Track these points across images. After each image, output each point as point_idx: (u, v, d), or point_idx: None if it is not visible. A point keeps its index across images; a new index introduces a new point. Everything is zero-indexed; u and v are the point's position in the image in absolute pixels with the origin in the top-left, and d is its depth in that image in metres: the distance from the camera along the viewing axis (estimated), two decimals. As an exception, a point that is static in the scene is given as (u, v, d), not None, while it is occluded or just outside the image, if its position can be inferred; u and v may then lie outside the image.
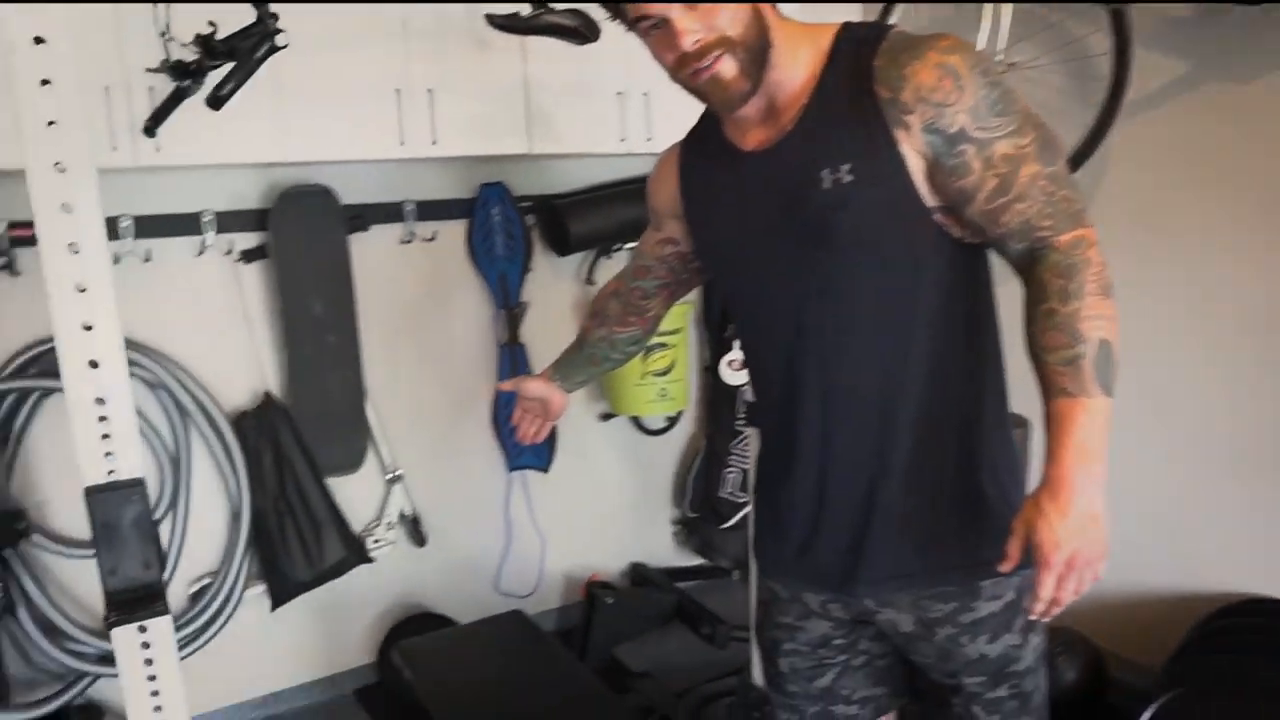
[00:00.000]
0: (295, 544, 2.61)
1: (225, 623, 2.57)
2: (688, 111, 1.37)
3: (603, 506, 3.38)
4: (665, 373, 3.09)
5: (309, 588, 2.67)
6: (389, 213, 2.80)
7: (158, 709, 1.35)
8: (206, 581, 2.61)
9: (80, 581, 2.50)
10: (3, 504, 2.08)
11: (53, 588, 2.43)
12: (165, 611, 1.36)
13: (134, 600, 1.34)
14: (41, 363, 2.35)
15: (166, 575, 2.48)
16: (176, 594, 2.63)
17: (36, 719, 2.20)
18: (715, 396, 3.31)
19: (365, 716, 2.90)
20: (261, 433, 2.57)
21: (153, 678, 1.35)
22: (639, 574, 3.44)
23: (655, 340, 2.00)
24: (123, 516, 1.32)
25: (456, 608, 3.06)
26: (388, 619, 3.00)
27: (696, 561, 3.61)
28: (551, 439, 3.07)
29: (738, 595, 3.48)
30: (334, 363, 2.67)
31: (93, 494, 1.31)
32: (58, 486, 2.47)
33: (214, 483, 2.64)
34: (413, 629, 2.90)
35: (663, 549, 3.56)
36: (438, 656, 2.35)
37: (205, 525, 2.65)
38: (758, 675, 2.31)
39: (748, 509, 3.30)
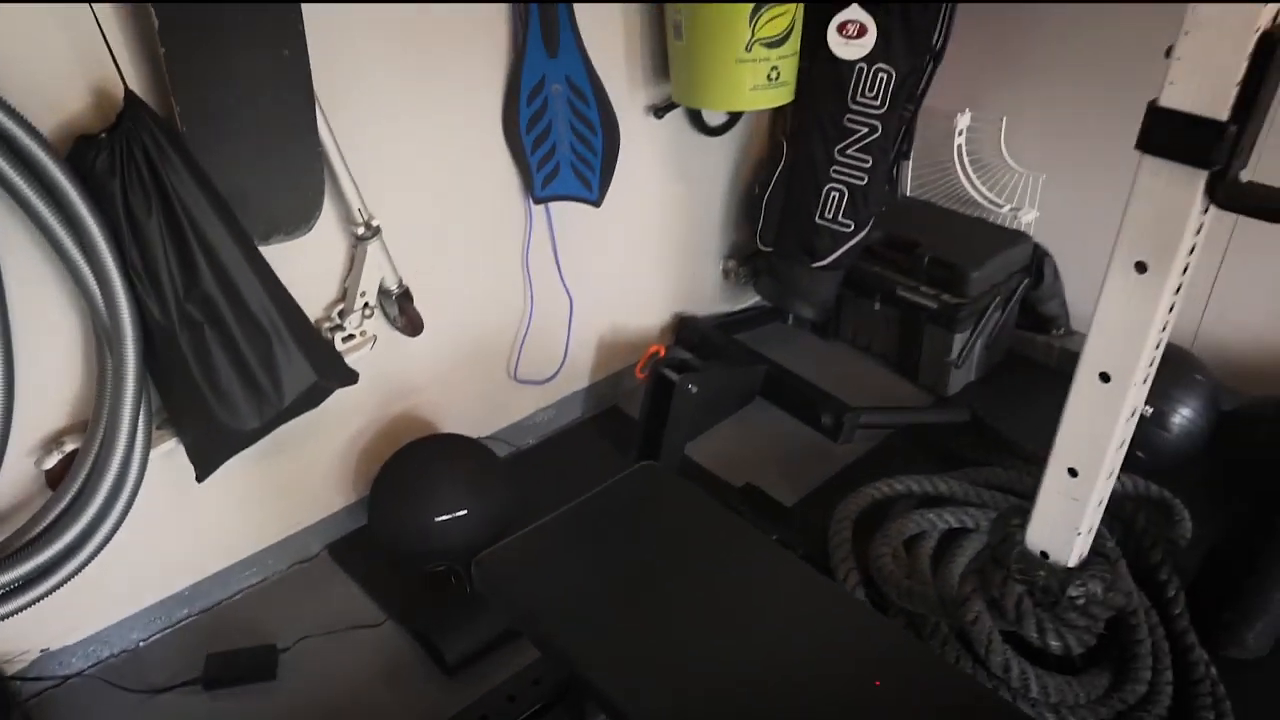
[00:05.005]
0: (227, 372, 1.47)
1: (126, 510, 1.46)
2: None
3: (638, 238, 2.31)
4: (781, 41, 1.93)
5: (256, 438, 1.57)
6: None
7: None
8: (73, 447, 1.46)
9: None
10: None
11: None
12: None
13: None
14: None
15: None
16: (21, 473, 1.48)
17: None
18: (812, 79, 2.17)
19: (344, 577, 1.94)
20: (130, 172, 1.32)
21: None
22: (688, 330, 2.49)
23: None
24: None
25: (464, 414, 2.06)
26: (374, 447, 1.96)
27: (743, 305, 2.69)
28: (613, 154, 1.93)
29: (803, 349, 2.59)
30: (252, 22, 1.37)
31: None
32: None
33: (47, 284, 1.40)
34: (413, 457, 1.89)
35: (707, 294, 2.59)
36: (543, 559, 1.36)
37: (47, 364, 1.45)
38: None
39: (854, 241, 2.33)
